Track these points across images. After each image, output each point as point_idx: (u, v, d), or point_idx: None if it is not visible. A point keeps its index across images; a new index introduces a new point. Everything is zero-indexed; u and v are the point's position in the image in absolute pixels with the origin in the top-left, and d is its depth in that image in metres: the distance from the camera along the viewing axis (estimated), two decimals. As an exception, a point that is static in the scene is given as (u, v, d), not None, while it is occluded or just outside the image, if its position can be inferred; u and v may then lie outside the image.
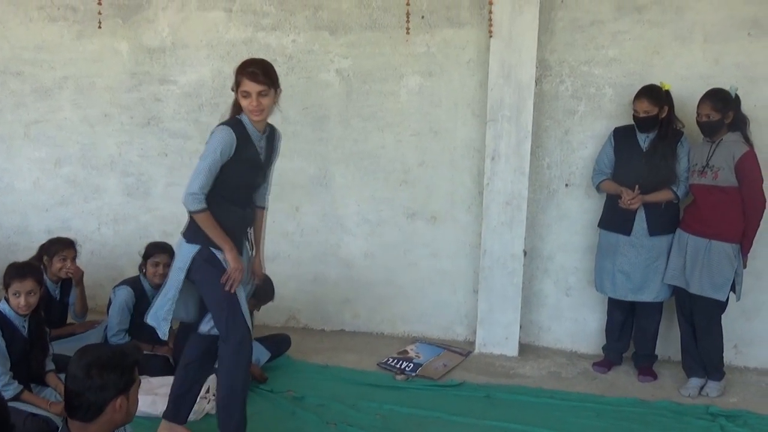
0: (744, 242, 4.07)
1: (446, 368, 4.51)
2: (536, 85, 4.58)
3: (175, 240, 4.86)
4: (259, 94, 3.07)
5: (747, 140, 4.06)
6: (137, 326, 4.24)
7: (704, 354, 4.23)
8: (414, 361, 4.55)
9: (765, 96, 4.35)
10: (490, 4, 4.50)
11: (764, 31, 4.38)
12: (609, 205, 4.46)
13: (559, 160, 4.77)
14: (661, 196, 4.27)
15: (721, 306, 4.16)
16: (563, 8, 4.62)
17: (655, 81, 4.31)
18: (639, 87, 4.30)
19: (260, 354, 4.29)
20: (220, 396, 3.30)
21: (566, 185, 4.78)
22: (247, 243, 3.39)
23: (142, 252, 4.38)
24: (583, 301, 4.85)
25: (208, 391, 3.76)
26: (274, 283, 4.32)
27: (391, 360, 4.57)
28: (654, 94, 4.23)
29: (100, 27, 5.15)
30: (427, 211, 5.00)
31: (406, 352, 4.71)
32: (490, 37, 4.55)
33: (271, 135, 3.32)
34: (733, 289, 4.12)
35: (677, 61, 4.51)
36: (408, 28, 4.74)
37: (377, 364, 4.49)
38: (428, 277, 5.06)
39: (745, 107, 4.11)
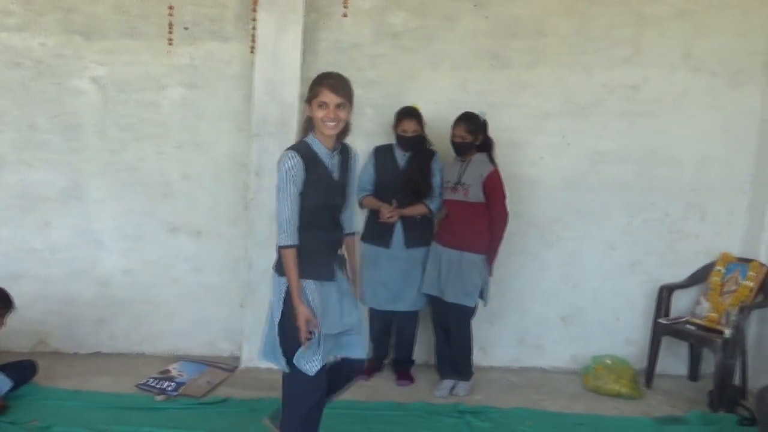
0: (490, 253, 4.41)
1: (210, 385, 4.40)
2: (301, 102, 4.68)
3: None
4: (337, 106, 3.01)
5: (492, 160, 4.46)
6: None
7: (456, 357, 4.53)
8: (176, 380, 4.38)
9: (503, 121, 4.78)
10: (254, 20, 4.55)
11: (503, 63, 4.86)
12: (370, 219, 4.65)
13: (323, 176, 4.89)
14: (417, 210, 4.53)
15: (471, 312, 4.48)
16: (326, 30, 4.78)
17: (410, 103, 4.59)
18: (396, 108, 4.56)
19: (0, 383, 3.93)
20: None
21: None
22: (340, 267, 3.19)
23: None
24: (346, 312, 4.98)
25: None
26: (19, 305, 3.99)
27: (150, 380, 4.36)
28: (418, 115, 4.51)
29: None
30: (191, 226, 4.88)
31: (168, 371, 4.52)
32: (251, 52, 4.59)
33: (345, 152, 3.20)
34: (481, 295, 4.45)
35: (429, 86, 4.85)
36: (170, 39, 4.62)
37: (136, 386, 4.27)
38: (191, 292, 4.93)
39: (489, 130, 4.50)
